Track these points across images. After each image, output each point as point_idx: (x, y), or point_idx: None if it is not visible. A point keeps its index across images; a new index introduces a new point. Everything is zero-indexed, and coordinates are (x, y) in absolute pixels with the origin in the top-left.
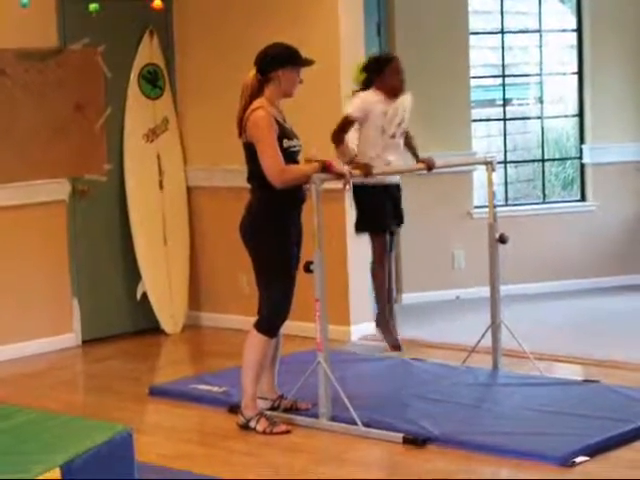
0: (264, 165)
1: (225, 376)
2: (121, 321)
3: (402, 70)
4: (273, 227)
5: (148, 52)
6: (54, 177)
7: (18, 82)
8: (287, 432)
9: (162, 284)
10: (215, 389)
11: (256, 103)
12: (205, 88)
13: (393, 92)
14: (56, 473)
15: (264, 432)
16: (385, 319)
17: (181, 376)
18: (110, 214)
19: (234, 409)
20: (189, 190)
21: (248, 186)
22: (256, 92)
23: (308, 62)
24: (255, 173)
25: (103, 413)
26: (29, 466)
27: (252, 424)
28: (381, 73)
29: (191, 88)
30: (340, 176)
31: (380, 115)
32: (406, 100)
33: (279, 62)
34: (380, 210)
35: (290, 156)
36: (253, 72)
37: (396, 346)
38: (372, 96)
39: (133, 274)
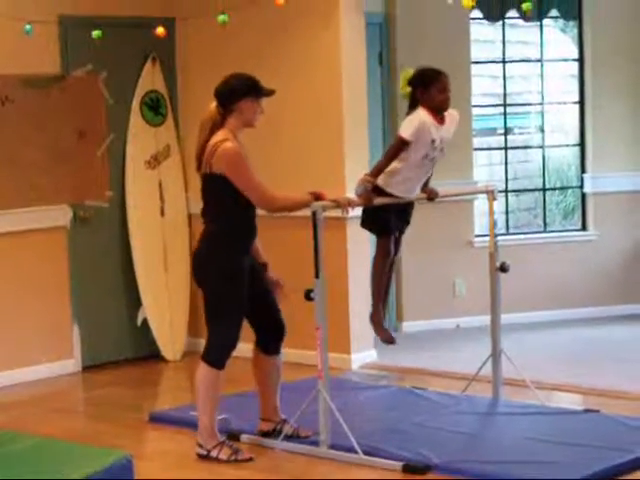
0: (253, 198)
1: (224, 403)
2: (121, 347)
3: (449, 88)
4: (227, 259)
5: (150, 79)
6: (55, 203)
7: (21, 108)
8: (250, 459)
9: (163, 310)
10: None
11: (220, 135)
12: None
13: (437, 110)
14: None
15: (228, 460)
16: (379, 315)
17: (181, 403)
18: (111, 240)
19: (233, 436)
20: (190, 217)
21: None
22: (218, 124)
23: (268, 92)
24: (213, 205)
25: (103, 440)
26: None
27: (214, 454)
28: (426, 89)
29: (193, 115)
30: (336, 204)
31: (429, 142)
32: (454, 120)
33: (240, 93)
34: (383, 216)
35: None
36: (214, 104)
37: (389, 340)
38: (426, 118)
39: (133, 300)
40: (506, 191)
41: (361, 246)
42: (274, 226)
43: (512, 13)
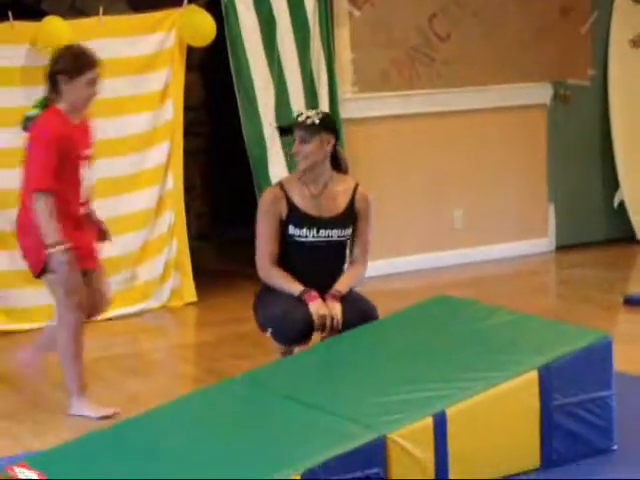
0: None
1: None
2: (596, 229)
3: None
4: None
5: None
6: (537, 80)
7: None
8: None
9: None
10: None
11: None
12: None
13: None
14: (534, 374)
15: None
16: None
17: None
18: (590, 120)
19: None
20: None
21: None
22: None
23: None
24: None
25: (575, 319)
26: (507, 365)
27: None
28: None
29: None
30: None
31: None
32: None
33: None
34: None
35: None
36: None
37: None
38: None
39: (611, 182)
40: None
41: None
42: None
43: None
